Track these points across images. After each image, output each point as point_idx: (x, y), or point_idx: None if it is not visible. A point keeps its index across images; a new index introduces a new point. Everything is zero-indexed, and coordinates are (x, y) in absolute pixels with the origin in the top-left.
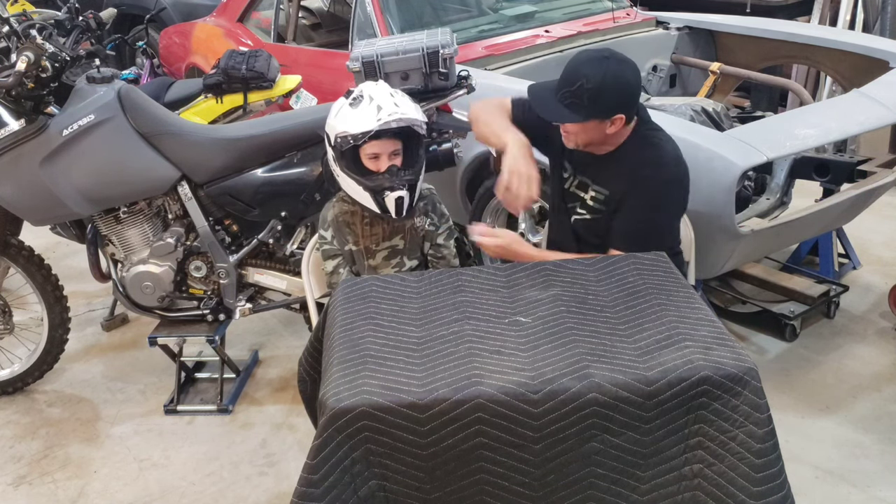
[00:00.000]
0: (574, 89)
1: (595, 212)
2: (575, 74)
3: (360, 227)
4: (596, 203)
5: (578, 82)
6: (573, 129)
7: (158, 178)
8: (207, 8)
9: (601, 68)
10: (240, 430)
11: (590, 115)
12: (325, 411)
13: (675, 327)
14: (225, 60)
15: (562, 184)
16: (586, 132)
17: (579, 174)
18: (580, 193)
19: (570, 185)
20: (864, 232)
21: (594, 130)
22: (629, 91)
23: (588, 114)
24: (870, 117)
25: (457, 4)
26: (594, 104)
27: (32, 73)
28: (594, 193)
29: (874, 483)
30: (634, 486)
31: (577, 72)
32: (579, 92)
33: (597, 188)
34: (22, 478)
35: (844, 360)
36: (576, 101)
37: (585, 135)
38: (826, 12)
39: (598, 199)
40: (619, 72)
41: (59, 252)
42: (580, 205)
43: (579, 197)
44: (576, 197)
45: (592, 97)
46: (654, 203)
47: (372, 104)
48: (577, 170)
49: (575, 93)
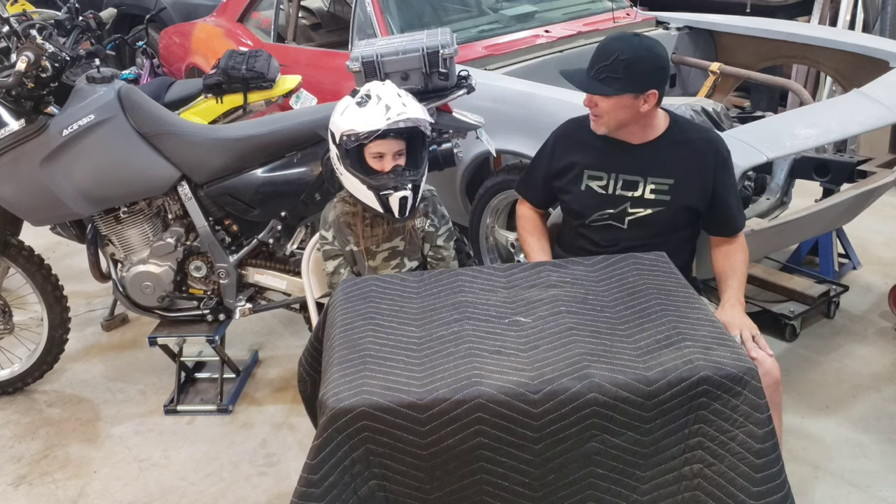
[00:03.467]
0: (609, 63)
1: (658, 204)
2: (609, 49)
3: (361, 228)
4: (658, 194)
5: (613, 55)
6: (607, 108)
7: (158, 178)
8: (207, 8)
9: (634, 42)
10: (240, 430)
11: (625, 87)
12: (325, 411)
13: (675, 327)
14: (225, 60)
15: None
16: (620, 110)
17: (622, 174)
18: (629, 193)
19: (613, 189)
20: (864, 232)
21: (628, 108)
22: (661, 65)
23: (623, 86)
24: (870, 117)
25: (457, 4)
26: (630, 76)
27: (32, 73)
28: (654, 186)
29: (874, 483)
30: (634, 486)
31: (611, 47)
32: (615, 65)
33: (656, 179)
34: (22, 478)
35: (844, 360)
36: (611, 75)
37: (618, 113)
38: (826, 12)
39: (661, 189)
40: (651, 46)
41: (59, 252)
42: (632, 203)
43: (628, 197)
44: (623, 199)
45: (628, 69)
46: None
47: (380, 104)
48: (617, 169)
49: (610, 66)
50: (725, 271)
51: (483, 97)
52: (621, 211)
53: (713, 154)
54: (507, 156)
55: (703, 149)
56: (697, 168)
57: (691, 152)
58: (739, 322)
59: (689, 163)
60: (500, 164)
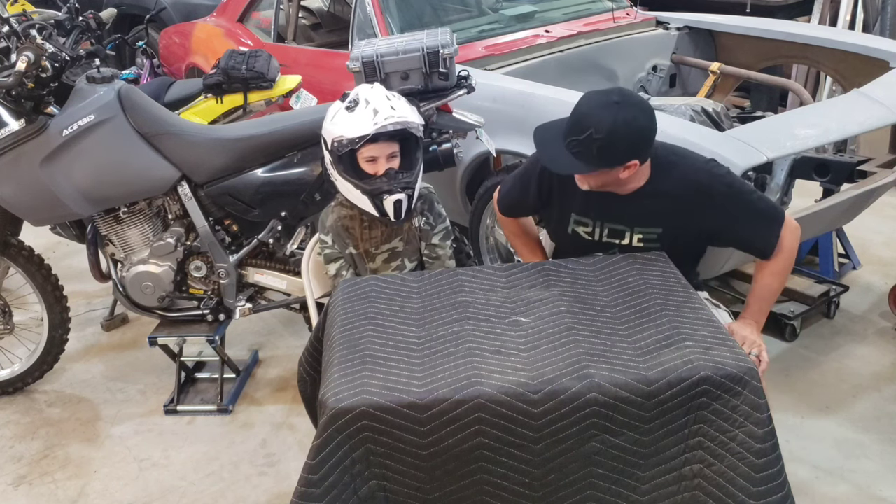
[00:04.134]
0: (582, 139)
1: (648, 250)
2: (584, 122)
3: (359, 231)
4: (648, 243)
5: (587, 132)
6: (583, 176)
7: (158, 178)
8: (207, 8)
9: (611, 116)
10: (240, 430)
11: (600, 164)
12: (325, 411)
13: (675, 327)
14: (225, 60)
15: (578, 242)
16: (598, 177)
17: (607, 222)
18: (616, 241)
19: (599, 236)
20: (864, 232)
21: (606, 176)
22: (642, 136)
23: (598, 164)
24: (870, 117)
25: (457, 4)
26: (603, 155)
27: (32, 73)
28: (641, 235)
29: (874, 483)
30: (634, 486)
31: (586, 119)
32: (588, 142)
33: (643, 230)
34: (22, 478)
35: (844, 360)
36: (584, 151)
37: (597, 179)
38: (826, 12)
39: (650, 238)
40: (631, 118)
41: (59, 252)
42: (620, 250)
43: (615, 244)
44: (611, 245)
45: (602, 149)
46: (741, 191)
47: (368, 108)
48: (602, 218)
49: (583, 142)
50: (756, 291)
51: (483, 97)
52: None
53: (698, 196)
54: (507, 156)
55: (685, 193)
56: (684, 214)
57: (675, 200)
58: (749, 337)
59: (674, 211)
60: (500, 164)
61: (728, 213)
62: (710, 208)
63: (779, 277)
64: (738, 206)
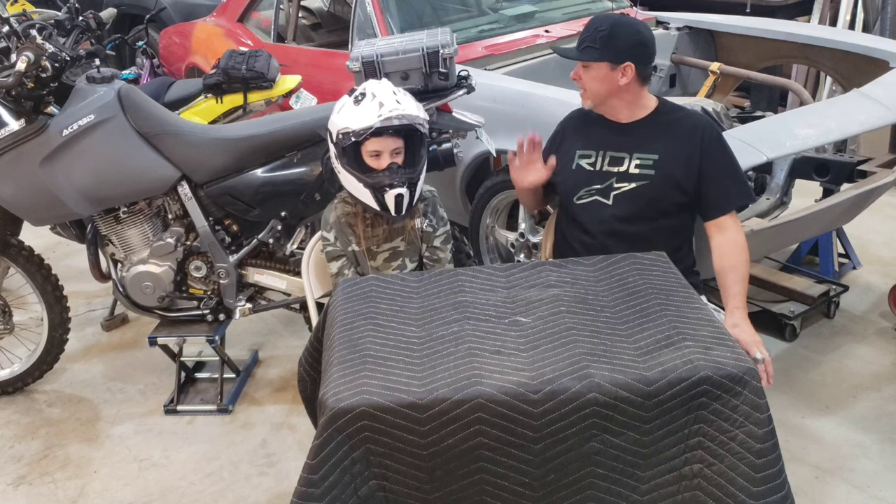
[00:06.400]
0: (589, 34)
1: (642, 178)
2: (592, 24)
3: (362, 228)
4: (643, 169)
5: (594, 28)
6: (587, 80)
7: (158, 178)
8: (207, 8)
9: (616, 18)
10: (240, 430)
11: (601, 56)
12: (325, 411)
13: (674, 327)
14: (225, 60)
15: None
16: (599, 82)
17: (610, 150)
18: (615, 169)
19: (601, 166)
20: (864, 232)
21: (607, 81)
22: (640, 40)
23: (600, 55)
24: (870, 117)
25: (457, 4)
26: (606, 46)
27: (32, 73)
28: (638, 161)
29: (874, 483)
30: (634, 486)
31: (594, 22)
32: (594, 35)
33: (641, 155)
34: (22, 478)
35: (844, 360)
36: (590, 45)
37: (598, 85)
38: (826, 12)
39: (646, 164)
40: (632, 23)
41: (59, 252)
42: (617, 178)
43: (613, 173)
44: (609, 175)
45: (604, 39)
46: (727, 148)
47: (374, 101)
48: (605, 146)
49: (590, 38)
50: (726, 270)
51: (483, 97)
52: (607, 186)
53: (699, 133)
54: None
55: (688, 128)
56: (682, 145)
57: (677, 130)
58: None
59: (674, 140)
60: (500, 164)
61: (717, 158)
62: (706, 146)
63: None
64: (721, 156)
